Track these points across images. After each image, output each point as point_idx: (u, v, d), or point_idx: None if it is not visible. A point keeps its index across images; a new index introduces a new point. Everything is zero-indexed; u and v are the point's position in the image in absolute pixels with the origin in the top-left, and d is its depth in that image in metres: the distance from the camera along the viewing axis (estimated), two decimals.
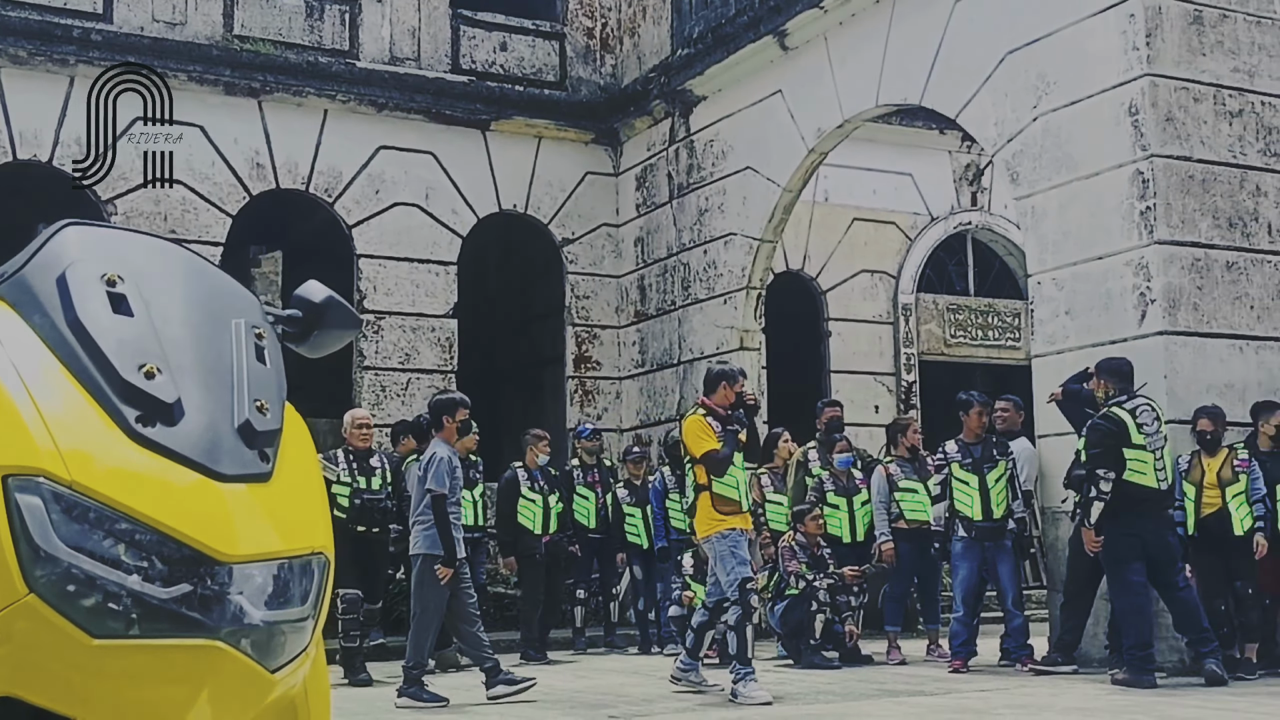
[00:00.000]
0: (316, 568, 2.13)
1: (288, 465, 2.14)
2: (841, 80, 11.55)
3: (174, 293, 2.21)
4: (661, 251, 14.14)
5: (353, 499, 8.95)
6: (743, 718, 6.56)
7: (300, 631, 2.09)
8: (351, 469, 9.05)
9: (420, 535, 7.62)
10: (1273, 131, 9.08)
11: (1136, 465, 7.60)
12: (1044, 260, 9.46)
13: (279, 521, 2.06)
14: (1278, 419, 8.26)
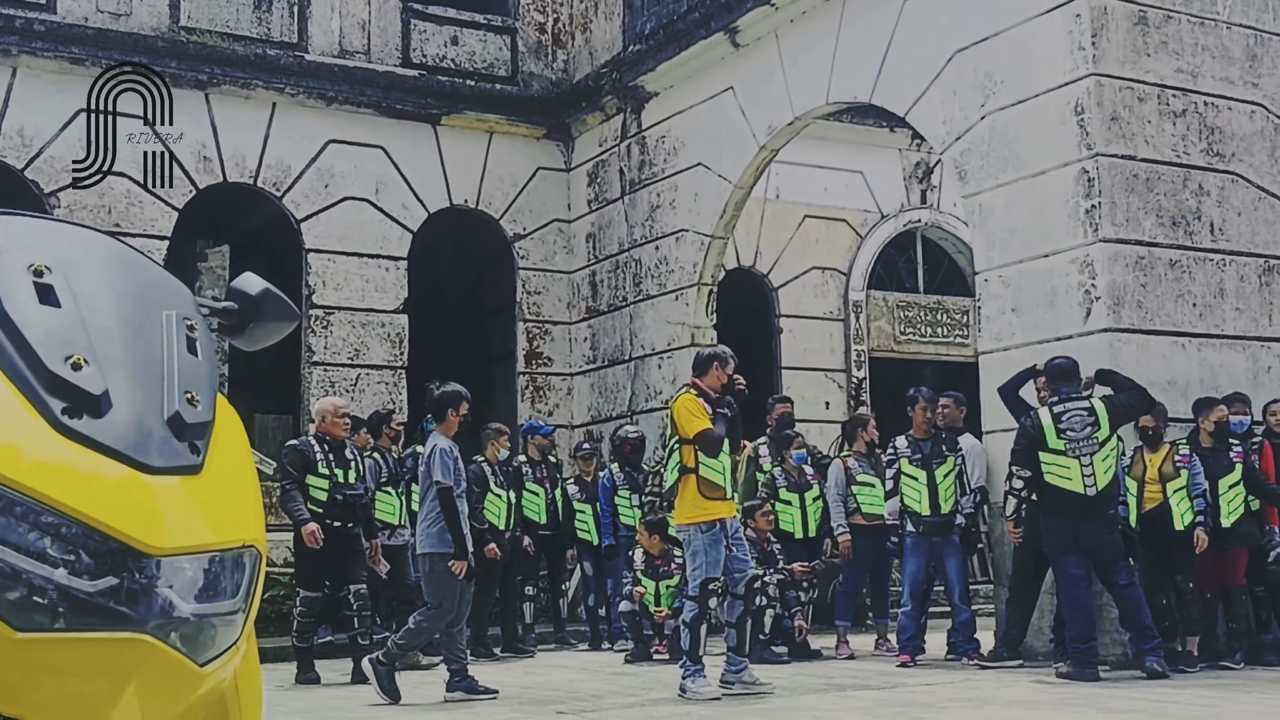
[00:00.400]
0: (248, 561, 2.11)
1: (219, 458, 2.12)
2: (792, 78, 11.59)
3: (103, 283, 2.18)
4: (613, 247, 14.13)
5: (332, 493, 8.47)
6: (690, 713, 6.56)
7: (231, 625, 2.06)
8: (329, 460, 8.55)
9: (427, 531, 7.38)
10: (1215, 131, 9.21)
11: (1056, 470, 7.65)
12: (991, 258, 9.55)
13: (210, 514, 2.03)
14: (1218, 415, 8.37)
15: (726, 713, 6.53)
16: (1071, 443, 7.65)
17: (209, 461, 2.08)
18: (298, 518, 8.30)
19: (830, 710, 6.51)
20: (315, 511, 8.35)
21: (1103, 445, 7.65)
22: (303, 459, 8.50)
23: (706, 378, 7.31)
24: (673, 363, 13.05)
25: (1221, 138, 9.23)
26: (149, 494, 1.95)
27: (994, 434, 9.27)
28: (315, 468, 8.47)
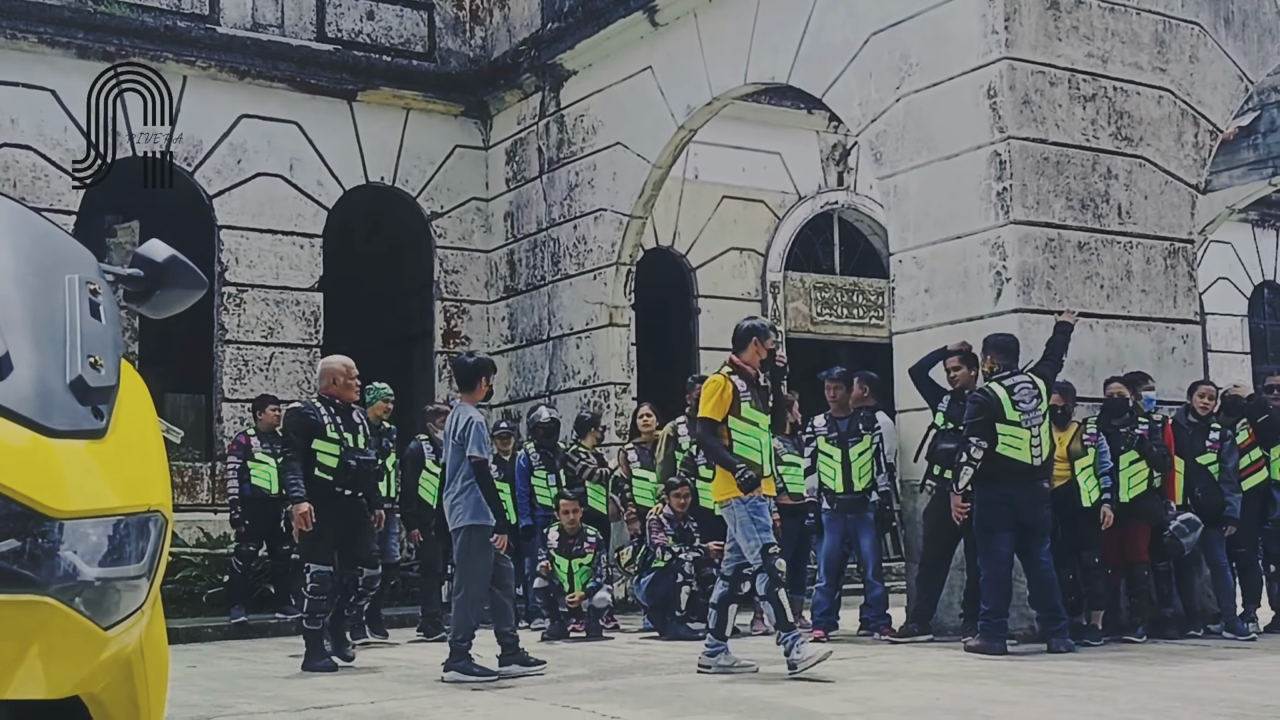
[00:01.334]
0: (154, 526, 2.08)
1: (124, 422, 2.08)
2: (711, 58, 11.61)
3: (2, 247, 2.12)
4: (531, 226, 14.07)
5: (344, 459, 7.82)
6: (606, 688, 6.59)
7: (135, 590, 2.04)
8: (337, 424, 7.86)
9: (462, 505, 7.16)
10: (1124, 116, 9.40)
11: (1010, 440, 7.78)
12: (905, 239, 9.66)
13: (114, 478, 2.00)
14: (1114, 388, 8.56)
15: (643, 686, 6.57)
16: (1024, 414, 7.81)
17: (113, 426, 2.04)
18: (293, 494, 7.74)
19: (744, 685, 6.57)
20: (324, 480, 7.76)
21: (1044, 417, 7.86)
22: (308, 424, 7.84)
23: (745, 354, 7.04)
24: (591, 342, 13.04)
25: (1130, 122, 9.42)
26: (51, 457, 1.92)
27: (906, 413, 9.40)
28: (323, 432, 7.81)
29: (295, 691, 6.84)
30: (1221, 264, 20.96)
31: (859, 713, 5.52)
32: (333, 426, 7.83)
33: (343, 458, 7.83)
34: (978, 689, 6.25)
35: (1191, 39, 9.77)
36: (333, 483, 7.80)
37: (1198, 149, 9.76)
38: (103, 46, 12.77)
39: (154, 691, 2.14)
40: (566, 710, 5.86)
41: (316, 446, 7.78)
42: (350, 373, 8.02)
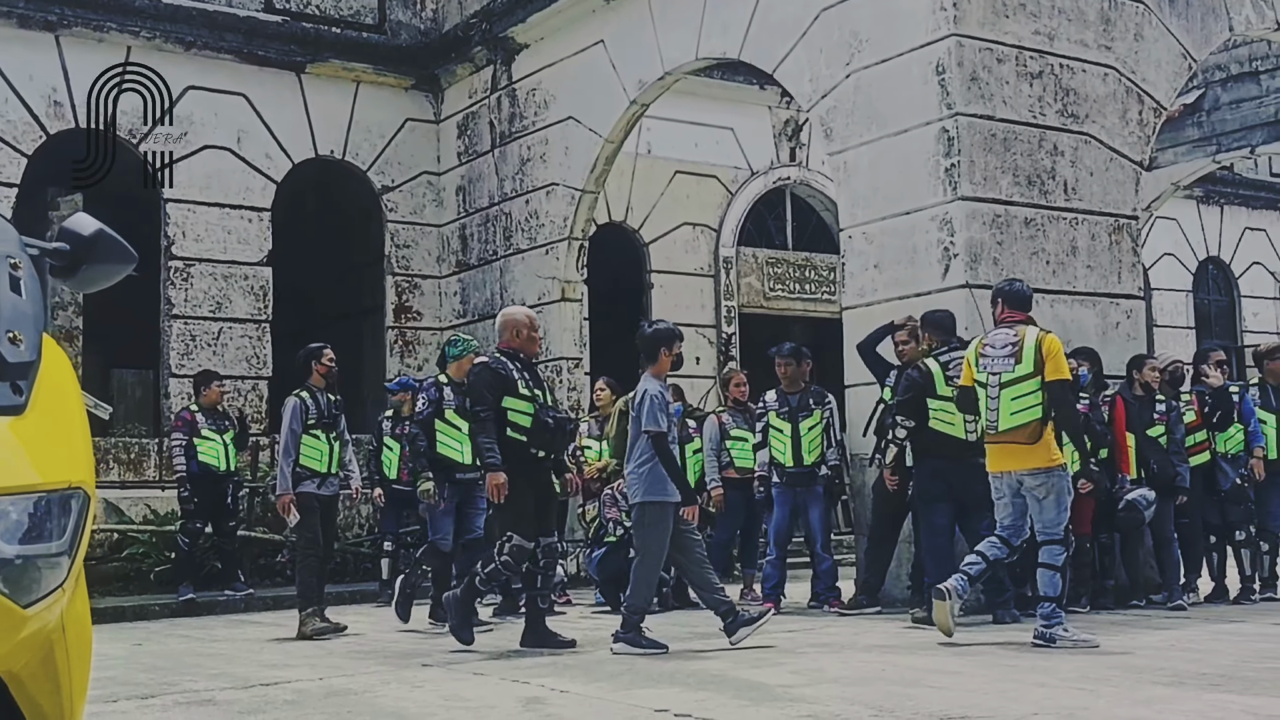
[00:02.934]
0: (75, 503, 2.05)
1: (45, 399, 2.05)
2: (662, 32, 11.58)
3: None
4: (483, 201, 14.00)
5: (539, 417, 7.13)
6: (555, 663, 6.61)
7: (55, 568, 2.01)
8: (526, 380, 7.19)
9: (639, 480, 6.93)
10: (1070, 93, 9.47)
11: (942, 415, 7.85)
12: (855, 215, 9.70)
13: (35, 455, 1.98)
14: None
15: (593, 661, 6.60)
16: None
17: (33, 402, 2.02)
18: (490, 460, 7.03)
19: (693, 659, 6.61)
20: (517, 441, 7.12)
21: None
22: (500, 380, 7.13)
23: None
24: (543, 317, 12.94)
25: (1076, 99, 9.50)
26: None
27: (856, 388, 9.47)
28: (515, 389, 7.12)
29: (242, 669, 6.82)
30: (1167, 240, 21.21)
31: (806, 684, 5.57)
32: (523, 383, 7.16)
33: (538, 416, 7.15)
34: (924, 659, 6.32)
35: (1137, 17, 9.85)
36: (527, 444, 7.13)
37: (1142, 126, 9.86)
38: (44, 16, 12.56)
39: (76, 669, 2.12)
40: (516, 685, 5.87)
41: (508, 405, 7.09)
42: (534, 324, 7.45)
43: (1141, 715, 4.63)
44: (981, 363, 6.90)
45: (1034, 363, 6.73)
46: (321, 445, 8.51)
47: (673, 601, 9.60)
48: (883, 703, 5.02)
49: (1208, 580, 9.52)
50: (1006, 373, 6.77)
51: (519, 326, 7.32)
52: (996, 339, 6.92)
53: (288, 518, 8.33)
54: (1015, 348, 6.80)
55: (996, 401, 6.79)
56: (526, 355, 7.30)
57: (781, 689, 5.45)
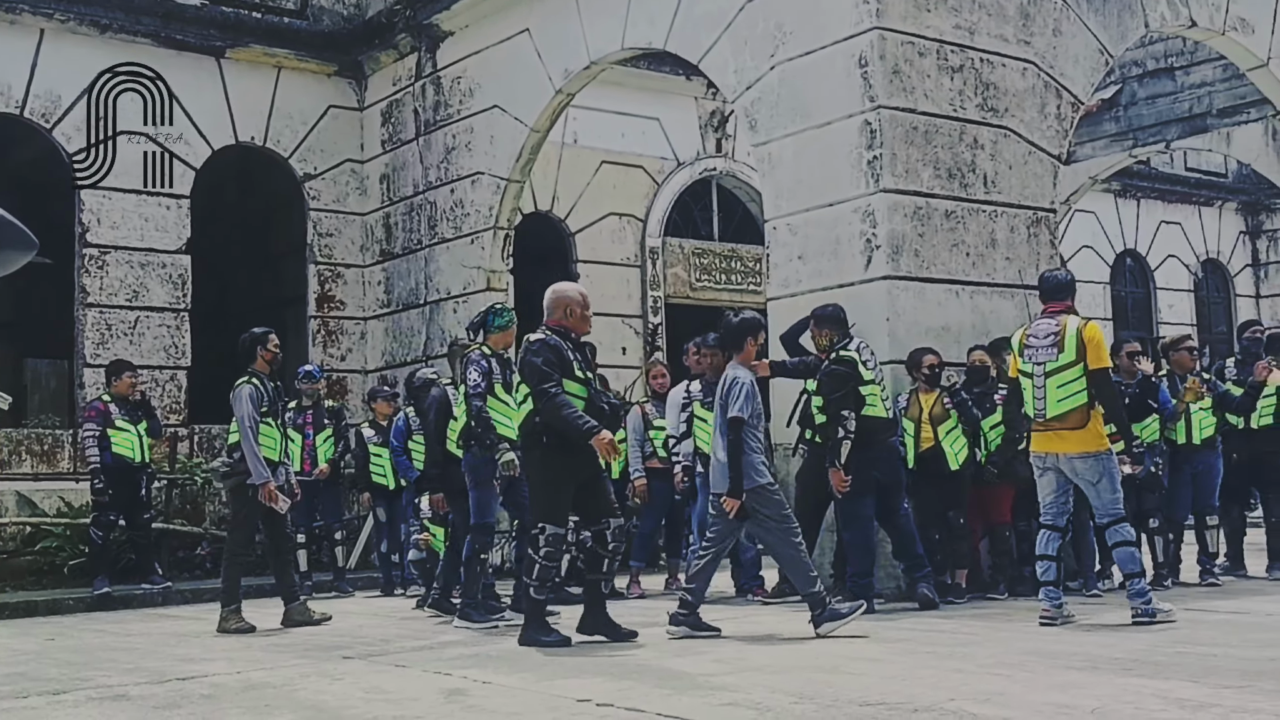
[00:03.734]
0: None
1: None
2: (588, 22, 11.54)
3: None
4: (408, 189, 13.88)
5: (593, 400, 6.81)
6: (478, 654, 6.58)
7: None
8: (579, 361, 6.86)
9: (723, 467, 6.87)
10: (990, 87, 9.60)
11: (870, 399, 8.03)
12: (779, 206, 9.76)
13: None
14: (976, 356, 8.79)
15: (519, 652, 6.58)
16: (873, 371, 8.10)
17: None
18: (588, 426, 6.56)
19: (619, 649, 6.62)
20: None
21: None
22: (560, 358, 6.74)
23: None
24: (468, 307, 12.92)
25: (996, 93, 9.62)
26: None
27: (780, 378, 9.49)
28: (571, 370, 6.76)
29: (157, 663, 6.71)
30: (1085, 233, 21.61)
31: (729, 672, 5.61)
32: (578, 364, 6.80)
33: (592, 400, 6.81)
34: (845, 647, 6.39)
35: (1055, 12, 10.00)
36: None
37: (1060, 120, 10.02)
38: None
39: None
40: (438, 676, 5.85)
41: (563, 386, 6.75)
42: (586, 302, 7.03)
43: (1056, 699, 4.72)
44: (1026, 354, 7.14)
45: (1076, 350, 7.01)
46: (273, 433, 8.38)
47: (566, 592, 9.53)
48: (803, 690, 5.07)
49: None
50: (1051, 361, 7.03)
51: (571, 304, 6.94)
52: (1039, 329, 7.18)
53: (277, 505, 8.14)
54: (1058, 337, 7.06)
55: (1043, 390, 7.05)
56: (577, 335, 6.94)
57: (704, 677, 5.48)
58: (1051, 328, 7.11)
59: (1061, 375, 7.00)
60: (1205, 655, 5.71)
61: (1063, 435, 7.03)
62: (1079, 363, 6.98)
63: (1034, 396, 7.10)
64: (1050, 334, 7.09)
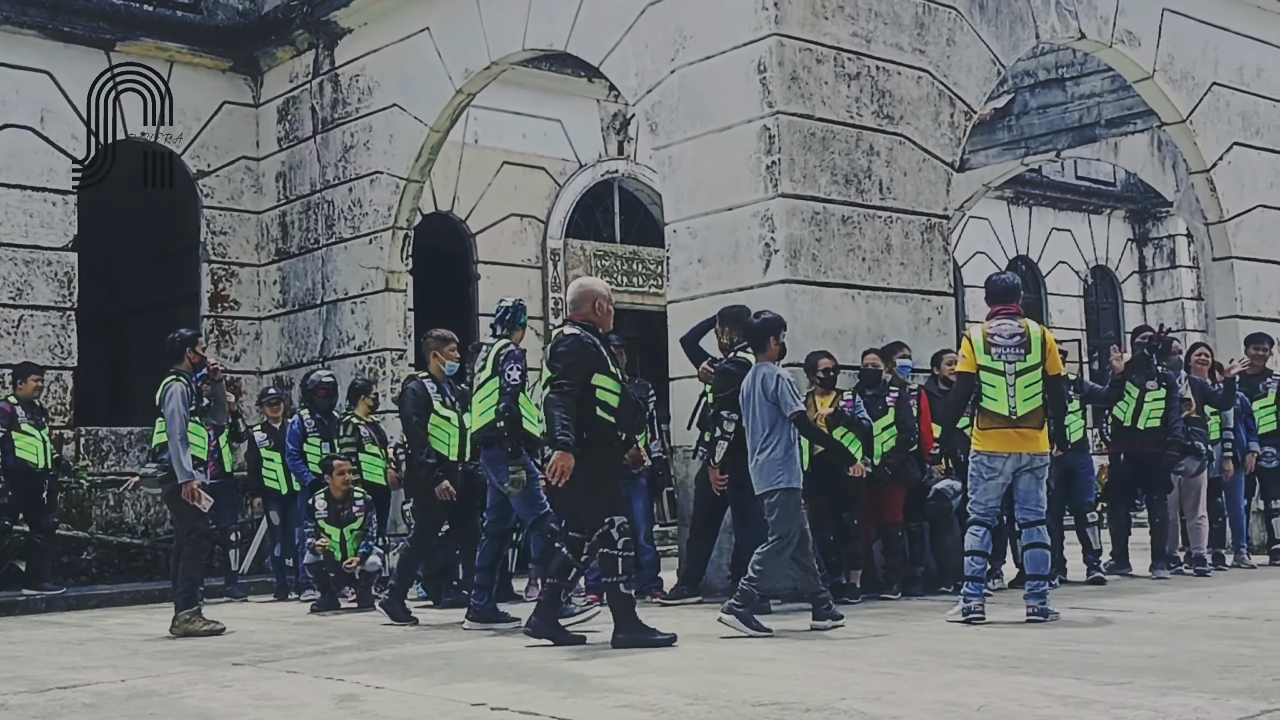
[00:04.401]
0: None
1: None
2: (489, 22, 11.48)
3: None
4: (305, 188, 13.67)
5: (627, 398, 6.70)
6: (374, 658, 6.51)
7: None
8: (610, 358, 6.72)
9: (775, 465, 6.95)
10: (886, 95, 9.75)
11: None
12: (679, 209, 9.80)
13: None
14: (869, 359, 8.93)
15: (409, 655, 6.51)
16: None
17: None
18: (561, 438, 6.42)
19: (511, 650, 6.59)
20: (606, 422, 6.59)
21: None
22: (591, 355, 6.58)
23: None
24: (366, 307, 12.79)
25: (891, 101, 9.78)
26: None
27: (680, 380, 9.56)
28: (605, 365, 6.63)
29: (39, 671, 6.52)
30: (979, 239, 22.07)
31: (626, 674, 5.61)
32: (610, 360, 6.67)
33: (625, 395, 6.68)
34: (740, 648, 6.44)
35: (949, 22, 10.20)
36: (615, 424, 6.65)
37: (954, 128, 10.21)
38: None
39: None
40: (330, 682, 5.76)
41: (597, 382, 6.57)
42: (610, 297, 6.88)
43: (944, 697, 4.80)
44: (995, 351, 7.23)
45: (1041, 353, 7.25)
46: (202, 432, 8.30)
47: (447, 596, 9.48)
48: (698, 691, 5.09)
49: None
50: (1020, 362, 7.20)
51: (599, 299, 6.79)
52: (1003, 329, 7.30)
53: (200, 504, 7.94)
54: (1023, 338, 7.26)
55: (1014, 389, 7.18)
56: (604, 330, 6.80)
57: (600, 679, 5.48)
58: (1015, 328, 7.28)
59: (1029, 376, 7.21)
60: (1089, 653, 5.86)
61: (1028, 435, 7.22)
62: (1040, 365, 7.22)
63: (1006, 395, 7.19)
64: (1015, 334, 7.26)
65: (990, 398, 7.22)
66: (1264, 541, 11.01)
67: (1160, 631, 6.65)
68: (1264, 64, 13.14)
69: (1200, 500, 10.14)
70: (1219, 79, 12.63)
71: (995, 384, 7.22)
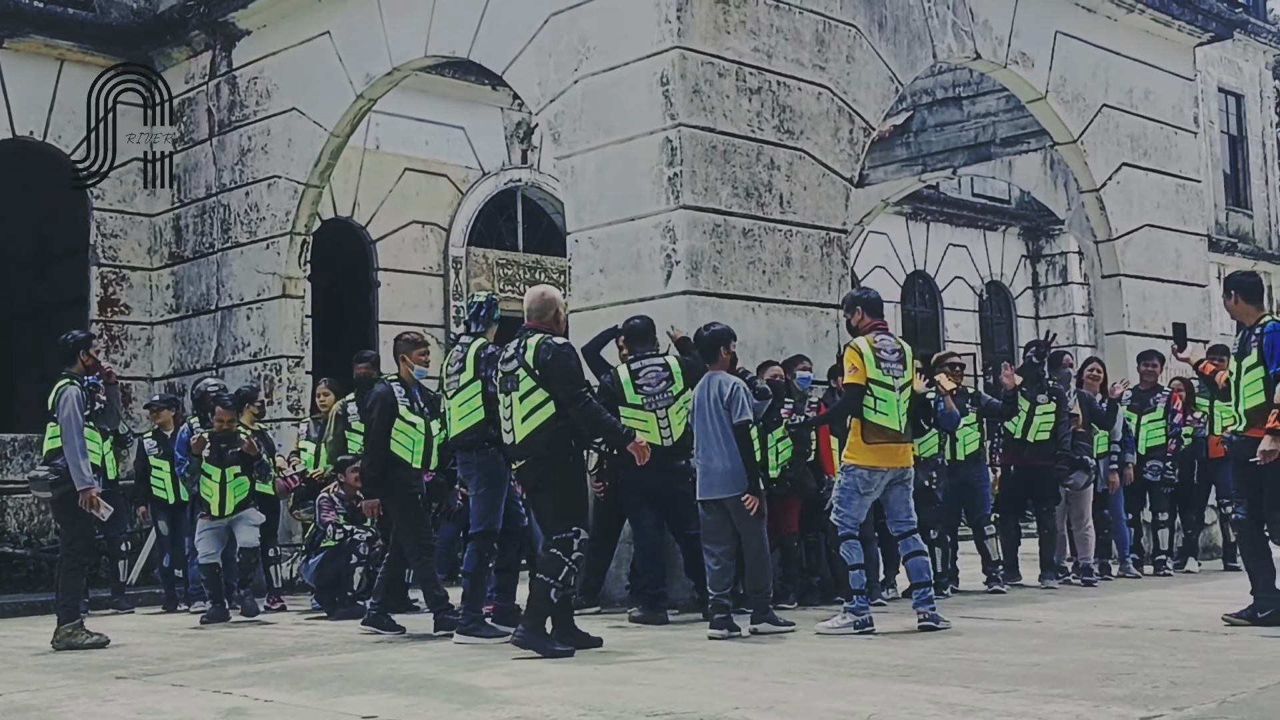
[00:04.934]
0: None
1: None
2: (391, 27, 11.37)
3: None
4: (200, 191, 13.40)
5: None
6: (289, 669, 6.38)
7: None
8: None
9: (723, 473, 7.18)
10: (787, 110, 9.85)
11: (634, 422, 7.81)
12: (581, 219, 9.80)
13: None
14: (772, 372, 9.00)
15: (301, 666, 6.41)
16: (648, 397, 8.02)
17: None
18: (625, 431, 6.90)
19: (406, 663, 6.52)
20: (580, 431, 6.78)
21: (676, 399, 8.06)
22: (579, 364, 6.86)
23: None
24: (262, 314, 12.57)
25: (792, 116, 9.89)
26: None
27: None
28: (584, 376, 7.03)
29: None
30: (878, 254, 22.41)
31: (519, 685, 5.58)
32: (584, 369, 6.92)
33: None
34: (636, 658, 6.44)
35: (849, 40, 10.35)
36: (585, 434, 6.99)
37: (853, 144, 10.36)
38: None
39: None
40: (217, 695, 5.64)
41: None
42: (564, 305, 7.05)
43: (836, 706, 4.85)
44: (884, 365, 7.23)
45: (911, 369, 7.41)
46: (96, 437, 8.14)
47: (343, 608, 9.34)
48: (592, 701, 5.08)
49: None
50: (901, 378, 7.30)
51: (559, 306, 6.97)
52: (886, 344, 7.34)
53: (99, 513, 7.68)
54: (900, 354, 7.34)
55: (900, 405, 7.25)
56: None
57: (494, 691, 5.44)
58: (894, 344, 7.38)
59: (906, 391, 7.34)
60: (977, 661, 5.97)
61: (905, 449, 7.37)
62: (910, 381, 7.42)
63: (897, 410, 7.23)
64: (895, 350, 7.34)
65: (881, 412, 7.19)
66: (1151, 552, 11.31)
67: (1046, 640, 6.79)
68: (1152, 87, 13.55)
69: (1086, 511, 10.40)
70: (1109, 101, 12.99)
71: (887, 398, 7.20)
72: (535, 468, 6.69)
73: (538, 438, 6.63)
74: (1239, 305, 7.27)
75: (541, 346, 6.64)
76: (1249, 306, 7.23)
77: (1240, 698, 4.83)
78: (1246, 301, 7.24)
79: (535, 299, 6.93)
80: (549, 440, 6.63)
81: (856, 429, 7.25)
